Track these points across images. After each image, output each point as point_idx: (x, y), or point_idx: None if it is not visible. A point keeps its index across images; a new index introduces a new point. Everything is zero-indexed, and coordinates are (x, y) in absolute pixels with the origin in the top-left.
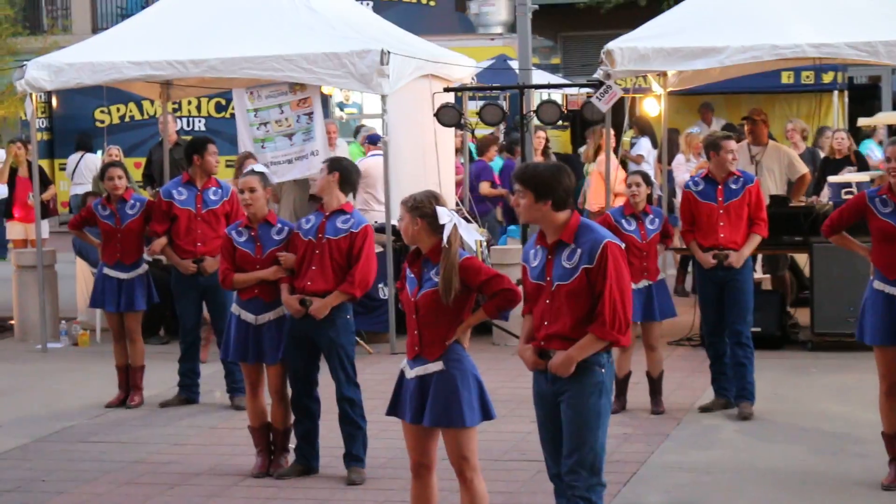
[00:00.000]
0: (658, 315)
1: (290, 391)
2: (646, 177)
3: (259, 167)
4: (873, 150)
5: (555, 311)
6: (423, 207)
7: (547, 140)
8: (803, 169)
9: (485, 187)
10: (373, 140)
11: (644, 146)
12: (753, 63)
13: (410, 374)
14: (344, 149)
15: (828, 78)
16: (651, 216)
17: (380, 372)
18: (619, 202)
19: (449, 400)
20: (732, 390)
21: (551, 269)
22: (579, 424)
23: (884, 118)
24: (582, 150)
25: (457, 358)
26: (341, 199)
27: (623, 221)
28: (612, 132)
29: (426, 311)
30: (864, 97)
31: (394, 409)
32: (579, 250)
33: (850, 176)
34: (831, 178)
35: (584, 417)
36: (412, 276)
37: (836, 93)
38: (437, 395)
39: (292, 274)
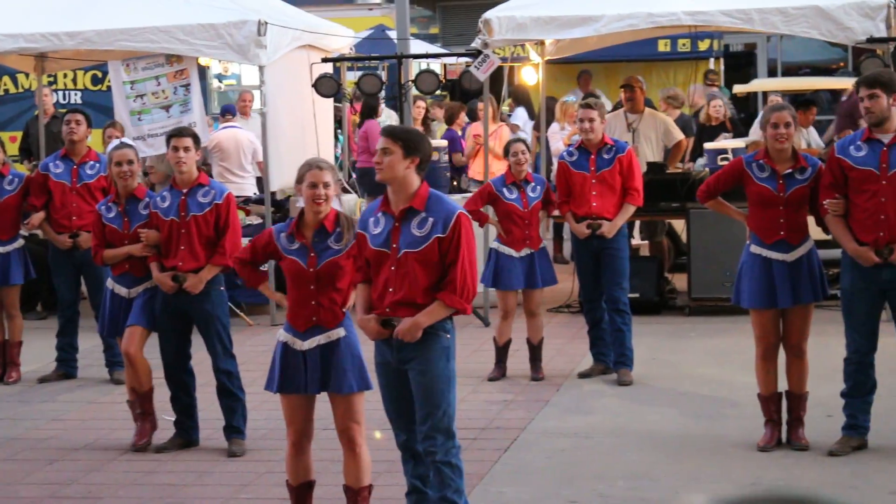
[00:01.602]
0: (540, 282)
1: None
2: (527, 144)
3: (127, 140)
4: None
5: (400, 279)
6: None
7: (427, 110)
8: (679, 136)
9: (458, 158)
10: (227, 111)
11: (520, 116)
12: (630, 31)
13: (306, 345)
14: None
15: (704, 45)
16: (533, 184)
17: (260, 343)
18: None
19: (356, 364)
20: (611, 356)
21: (398, 237)
22: (431, 390)
23: (759, 85)
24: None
25: (350, 324)
26: (195, 173)
27: (504, 190)
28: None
29: (328, 280)
30: (741, 64)
31: (285, 385)
32: (431, 219)
33: (725, 142)
34: (707, 145)
35: (435, 383)
36: (301, 246)
37: (712, 60)
38: (345, 360)
39: (158, 249)
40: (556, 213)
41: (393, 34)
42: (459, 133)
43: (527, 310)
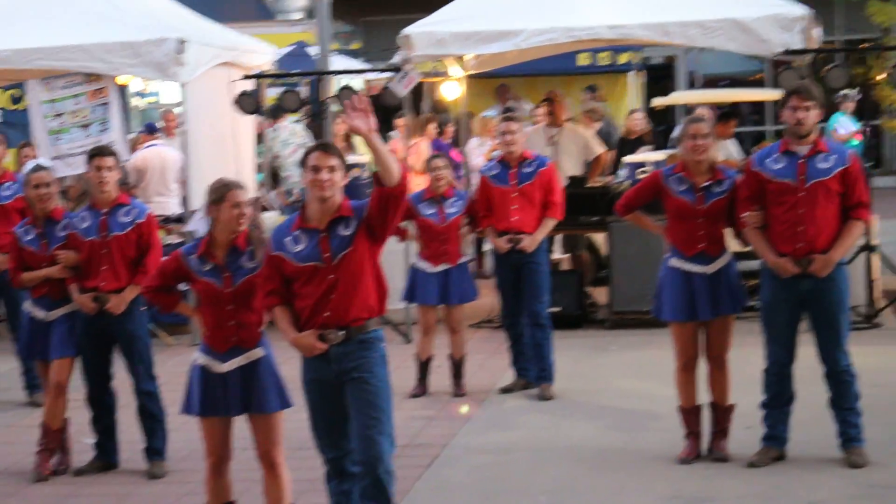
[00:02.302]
0: (454, 299)
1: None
2: (447, 160)
3: (45, 161)
4: (842, 124)
5: (339, 284)
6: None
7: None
8: (599, 149)
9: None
10: (150, 129)
11: None
12: (550, 45)
13: (226, 367)
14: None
15: (624, 59)
16: (452, 199)
17: (181, 363)
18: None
19: (277, 383)
20: (533, 371)
21: (329, 246)
22: (377, 396)
23: (678, 98)
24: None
25: (268, 342)
26: (115, 192)
27: (422, 205)
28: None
29: (245, 300)
30: (660, 77)
31: (206, 408)
32: (355, 220)
33: (645, 155)
34: (627, 158)
35: (380, 389)
36: (214, 266)
37: (632, 73)
38: (267, 379)
39: (77, 271)
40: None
41: (314, 50)
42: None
43: (448, 326)
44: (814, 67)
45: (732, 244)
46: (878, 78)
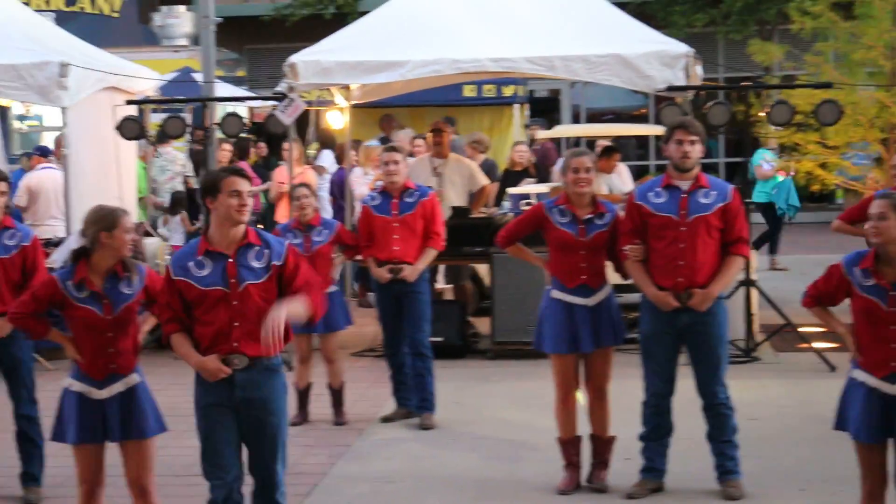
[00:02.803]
0: (320, 327)
1: None
2: (312, 189)
3: None
4: (767, 160)
5: (244, 312)
6: None
7: (233, 152)
8: (484, 180)
9: None
10: (43, 152)
11: (327, 158)
12: (436, 76)
13: (104, 394)
14: None
15: (509, 91)
16: (319, 228)
17: (59, 389)
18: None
19: (154, 408)
20: (414, 400)
21: (236, 272)
22: (278, 427)
23: (562, 131)
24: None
25: (140, 368)
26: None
27: (288, 235)
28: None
29: (123, 327)
30: (545, 110)
31: (83, 435)
32: (267, 251)
33: (529, 187)
34: (511, 190)
35: (281, 419)
36: (92, 293)
37: (517, 106)
38: (145, 404)
39: None
40: (359, 257)
41: (199, 76)
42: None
43: (324, 355)
44: (695, 104)
45: (613, 277)
46: (759, 115)
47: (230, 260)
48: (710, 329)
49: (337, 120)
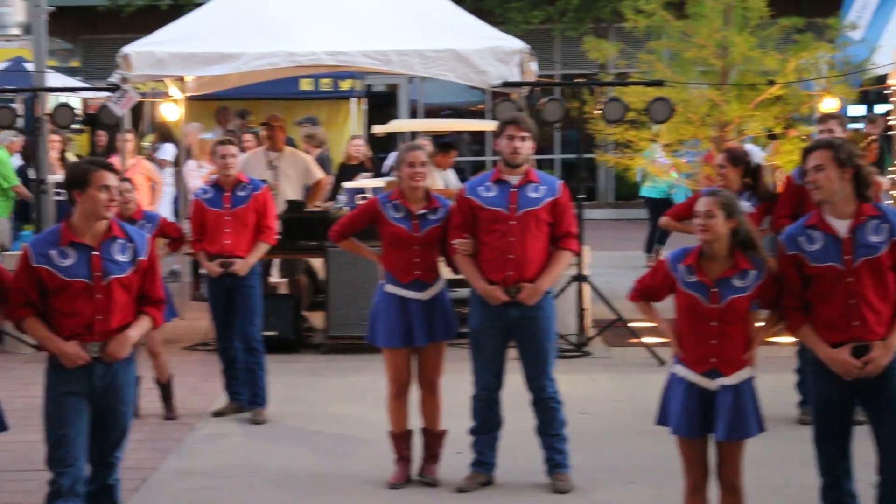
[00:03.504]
0: None
1: None
2: (130, 183)
3: None
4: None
5: (108, 305)
6: None
7: (63, 143)
8: (319, 174)
9: None
10: None
11: (169, 151)
12: (272, 69)
13: None
14: None
15: (346, 85)
16: (142, 222)
17: None
18: None
19: None
20: (245, 395)
21: (101, 265)
22: (126, 416)
23: (398, 125)
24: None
25: None
26: None
27: None
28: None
29: None
30: (383, 104)
31: None
32: (131, 244)
33: (364, 182)
34: (347, 184)
35: (130, 405)
36: None
37: (354, 100)
38: None
39: None
40: (189, 250)
41: (31, 66)
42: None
43: (147, 349)
44: (530, 100)
45: (445, 272)
46: (593, 112)
47: (95, 253)
48: (538, 323)
49: (172, 112)
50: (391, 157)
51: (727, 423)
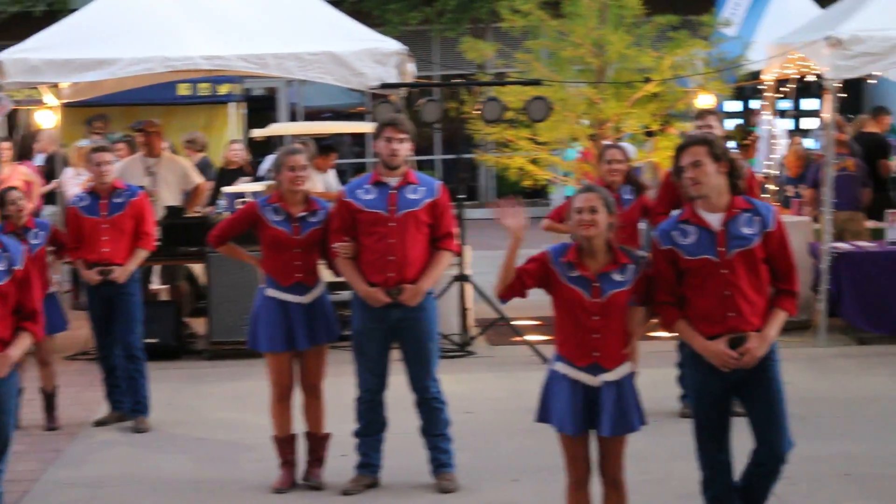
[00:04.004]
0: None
1: None
2: (19, 192)
3: None
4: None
5: None
6: None
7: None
8: (198, 179)
9: None
10: None
11: (39, 159)
12: (149, 75)
13: None
14: None
15: (224, 89)
16: (35, 230)
17: None
18: None
19: None
20: (127, 403)
21: None
22: (11, 423)
23: (277, 129)
24: None
25: None
26: None
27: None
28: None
29: None
30: (262, 108)
31: None
32: (7, 254)
33: (244, 186)
34: (226, 189)
35: (12, 415)
36: None
37: (233, 104)
38: None
39: None
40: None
41: None
42: None
43: (37, 358)
44: (409, 101)
45: (326, 274)
46: (472, 112)
47: None
48: (420, 324)
49: (47, 119)
50: (268, 161)
51: (610, 418)
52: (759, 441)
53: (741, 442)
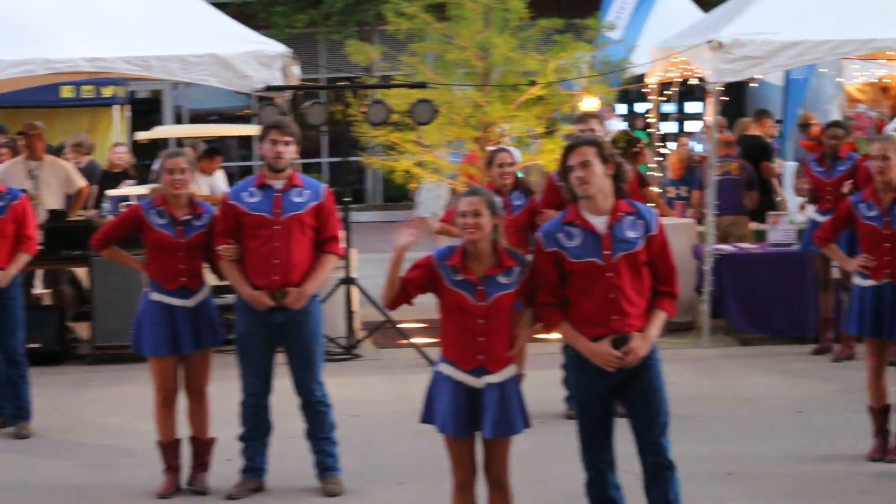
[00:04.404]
0: None
1: None
2: None
3: None
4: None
5: None
6: None
7: None
8: (81, 182)
9: None
10: None
11: None
12: (29, 77)
13: None
14: None
15: (108, 92)
16: None
17: None
18: None
19: None
20: (9, 409)
21: None
22: None
23: (161, 132)
24: None
25: None
26: None
27: None
28: None
29: None
30: (147, 111)
31: None
32: None
33: (128, 189)
34: (110, 192)
35: None
36: None
37: (117, 107)
38: None
39: None
40: None
41: None
42: None
43: None
44: (294, 104)
45: (210, 278)
46: (357, 115)
47: None
48: (304, 328)
49: None
50: (157, 164)
51: (493, 420)
52: (641, 444)
53: (627, 443)
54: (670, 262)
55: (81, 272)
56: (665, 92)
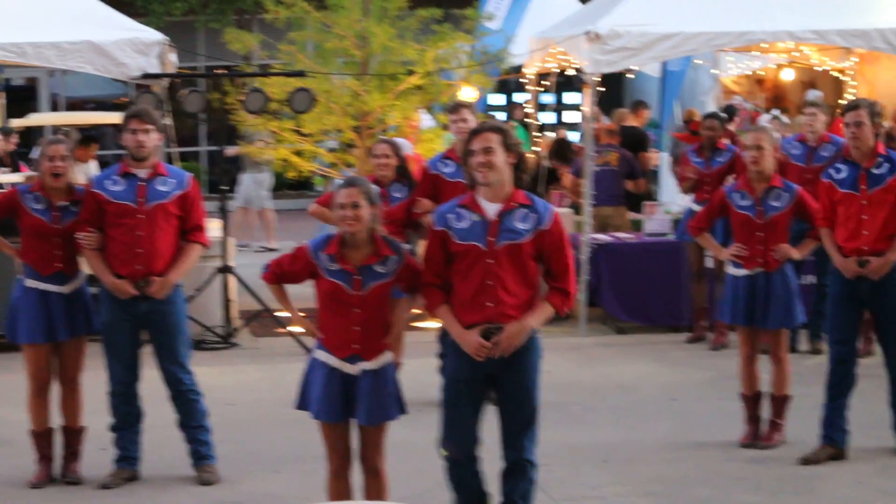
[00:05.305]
0: None
1: None
2: None
3: None
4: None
5: None
6: None
7: None
8: None
9: None
10: None
11: None
12: None
13: None
14: None
15: None
16: None
17: None
18: None
19: None
20: None
21: None
22: None
23: (37, 119)
24: None
25: None
26: None
27: None
28: None
29: None
30: (23, 98)
31: None
32: None
33: (3, 177)
34: None
35: None
36: None
37: None
38: None
39: None
40: None
41: None
42: None
43: None
44: (172, 92)
45: (86, 267)
46: (235, 103)
47: None
48: (169, 317)
49: None
50: (36, 151)
51: (368, 407)
52: (503, 437)
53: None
54: (565, 260)
55: None
56: (543, 82)
